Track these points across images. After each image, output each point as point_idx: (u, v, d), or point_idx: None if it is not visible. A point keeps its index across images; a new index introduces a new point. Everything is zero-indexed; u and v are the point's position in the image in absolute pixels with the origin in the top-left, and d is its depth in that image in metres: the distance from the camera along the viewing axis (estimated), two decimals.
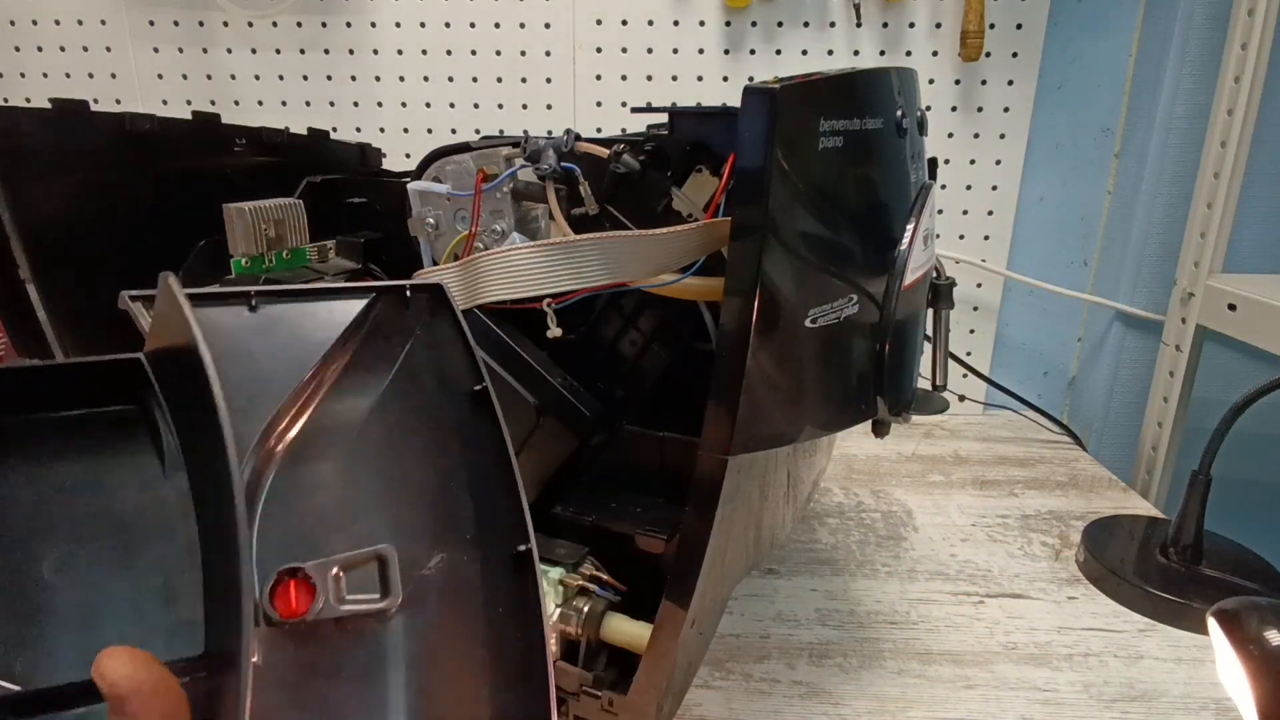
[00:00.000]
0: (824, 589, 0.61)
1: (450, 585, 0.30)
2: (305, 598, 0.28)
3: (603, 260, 0.41)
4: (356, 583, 0.29)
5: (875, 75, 0.40)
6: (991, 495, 0.77)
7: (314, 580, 0.28)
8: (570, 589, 0.46)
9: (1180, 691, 0.51)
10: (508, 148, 0.46)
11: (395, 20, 0.85)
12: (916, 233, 0.42)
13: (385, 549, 0.30)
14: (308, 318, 0.34)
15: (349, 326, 0.34)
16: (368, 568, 0.29)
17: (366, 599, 0.29)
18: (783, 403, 0.38)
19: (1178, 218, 0.80)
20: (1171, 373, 0.81)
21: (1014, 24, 0.83)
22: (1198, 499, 0.60)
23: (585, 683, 0.45)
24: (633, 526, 0.47)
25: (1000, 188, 0.89)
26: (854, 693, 0.50)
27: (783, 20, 0.84)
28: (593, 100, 0.87)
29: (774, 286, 0.35)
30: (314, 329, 0.34)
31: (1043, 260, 0.92)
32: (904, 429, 0.92)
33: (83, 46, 0.86)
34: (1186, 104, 0.78)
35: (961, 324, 0.94)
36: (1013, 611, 0.59)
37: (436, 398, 0.35)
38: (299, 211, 0.54)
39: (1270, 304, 0.68)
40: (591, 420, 0.47)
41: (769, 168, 0.33)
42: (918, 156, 0.44)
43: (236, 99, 0.88)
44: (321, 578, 0.29)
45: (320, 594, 0.28)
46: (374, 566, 0.30)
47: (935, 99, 0.86)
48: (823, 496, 0.76)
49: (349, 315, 0.35)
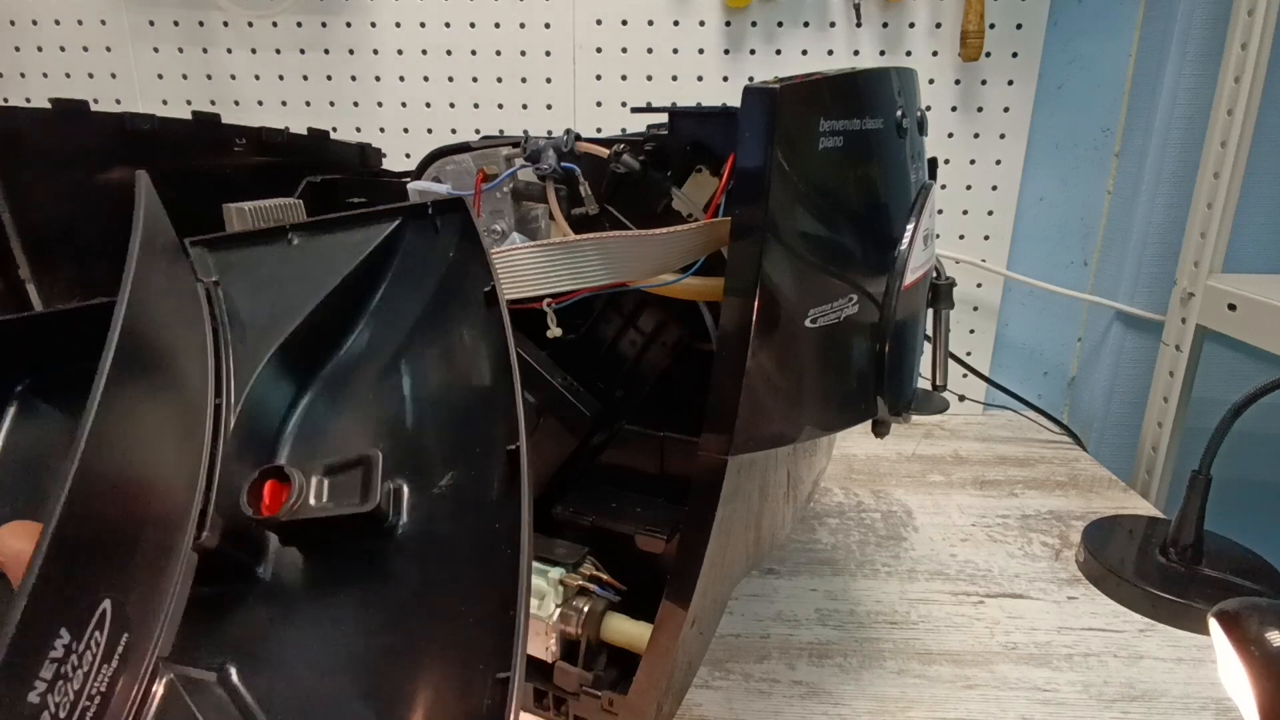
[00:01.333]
0: (824, 589, 0.61)
1: (457, 502, 0.31)
2: (282, 496, 0.29)
3: (603, 260, 0.41)
4: (344, 488, 0.30)
5: (875, 75, 0.40)
6: (991, 495, 0.77)
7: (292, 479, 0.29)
8: (570, 589, 0.46)
9: (1180, 691, 0.51)
10: (508, 148, 0.47)
11: (395, 20, 0.85)
12: (916, 233, 0.42)
13: (370, 454, 0.30)
14: (341, 243, 0.37)
15: (376, 249, 0.37)
16: (353, 474, 0.30)
17: (347, 502, 0.29)
18: (783, 403, 0.38)
19: (1178, 218, 0.80)
20: (1171, 373, 0.81)
21: (1014, 24, 0.83)
22: (1198, 499, 0.60)
23: (585, 682, 0.45)
24: (633, 526, 0.47)
25: (1000, 188, 0.89)
26: (854, 693, 0.50)
27: (783, 20, 0.84)
28: (593, 100, 0.87)
29: (774, 286, 0.35)
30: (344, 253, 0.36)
31: (1043, 260, 0.92)
32: (904, 429, 0.92)
33: (83, 46, 0.86)
34: (1186, 104, 0.78)
35: (961, 324, 0.94)
36: (1013, 611, 0.59)
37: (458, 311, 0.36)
38: (299, 211, 0.54)
39: (1270, 304, 0.68)
40: (591, 420, 0.47)
41: (769, 168, 0.33)
42: (918, 156, 0.44)
43: (236, 99, 0.88)
44: (301, 479, 0.29)
45: (296, 492, 0.29)
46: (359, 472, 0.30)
47: (935, 99, 0.86)
48: (823, 496, 0.76)
49: (376, 238, 0.37)
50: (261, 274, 0.36)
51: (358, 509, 0.29)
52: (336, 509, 0.29)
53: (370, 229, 0.37)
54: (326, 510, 0.29)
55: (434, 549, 0.30)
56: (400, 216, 0.37)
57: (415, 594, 0.29)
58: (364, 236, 0.37)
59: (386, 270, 0.37)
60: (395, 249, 0.37)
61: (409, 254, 0.37)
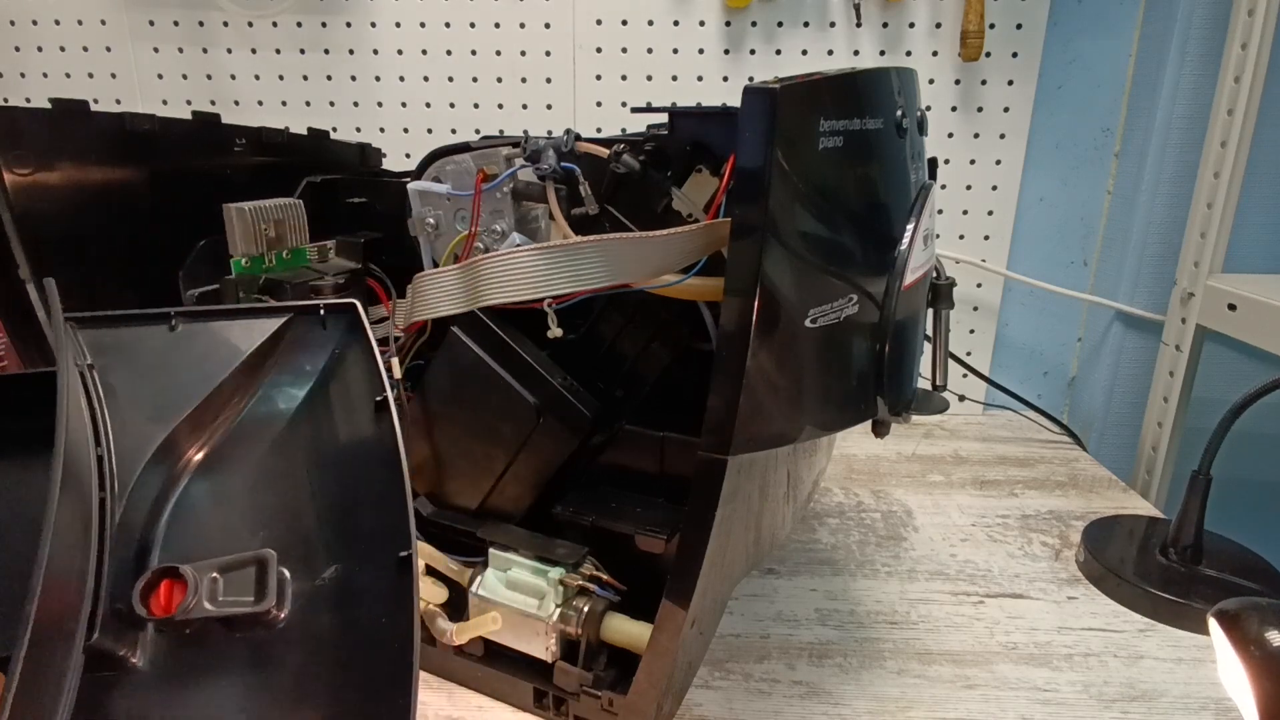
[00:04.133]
0: (824, 589, 0.61)
1: (341, 594, 0.31)
2: (178, 596, 0.29)
3: (604, 262, 0.41)
4: (238, 585, 0.30)
5: (875, 75, 0.40)
6: (991, 495, 0.77)
7: (188, 579, 0.29)
8: (570, 589, 0.46)
9: (1180, 691, 0.51)
10: (508, 148, 0.46)
11: (395, 20, 0.85)
12: (916, 233, 0.42)
13: (265, 552, 0.30)
14: (226, 335, 0.36)
15: (264, 343, 0.36)
16: (248, 571, 0.30)
17: (241, 600, 0.29)
18: (783, 403, 0.38)
19: (1178, 218, 0.80)
20: (1171, 373, 0.81)
21: (1014, 24, 0.83)
22: (1198, 499, 0.60)
23: (585, 683, 0.45)
24: (633, 526, 0.47)
25: (1000, 188, 0.89)
26: (854, 693, 0.50)
27: (783, 20, 0.84)
28: (593, 100, 0.87)
29: (774, 286, 0.35)
30: (231, 345, 0.36)
31: (1043, 260, 0.92)
32: (904, 429, 0.92)
33: (83, 46, 0.86)
34: (1186, 104, 0.78)
35: (961, 324, 0.94)
36: (1013, 611, 0.59)
37: (345, 410, 0.36)
38: (299, 211, 0.54)
39: (1270, 304, 0.68)
40: (591, 420, 0.47)
41: (769, 168, 0.33)
42: (918, 156, 0.44)
43: (236, 99, 0.88)
44: (197, 578, 0.29)
45: (192, 593, 0.29)
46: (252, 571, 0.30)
47: (935, 99, 0.86)
48: (823, 496, 0.76)
49: (265, 333, 0.36)
50: (143, 360, 0.35)
51: (253, 608, 0.29)
52: (231, 608, 0.29)
53: (258, 322, 0.37)
54: (221, 610, 0.29)
55: (318, 638, 0.30)
56: (290, 314, 0.37)
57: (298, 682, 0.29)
58: (251, 329, 0.36)
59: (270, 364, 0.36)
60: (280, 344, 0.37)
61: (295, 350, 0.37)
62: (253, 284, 0.50)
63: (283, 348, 0.36)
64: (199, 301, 0.51)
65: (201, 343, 0.36)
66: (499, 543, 0.48)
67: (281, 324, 0.37)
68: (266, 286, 0.50)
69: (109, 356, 0.34)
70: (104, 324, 0.35)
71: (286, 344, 0.37)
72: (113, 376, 0.34)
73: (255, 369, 0.36)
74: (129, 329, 0.35)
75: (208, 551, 0.31)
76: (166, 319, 0.36)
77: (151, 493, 0.32)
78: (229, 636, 0.30)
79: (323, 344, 0.37)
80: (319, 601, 0.30)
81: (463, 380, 0.49)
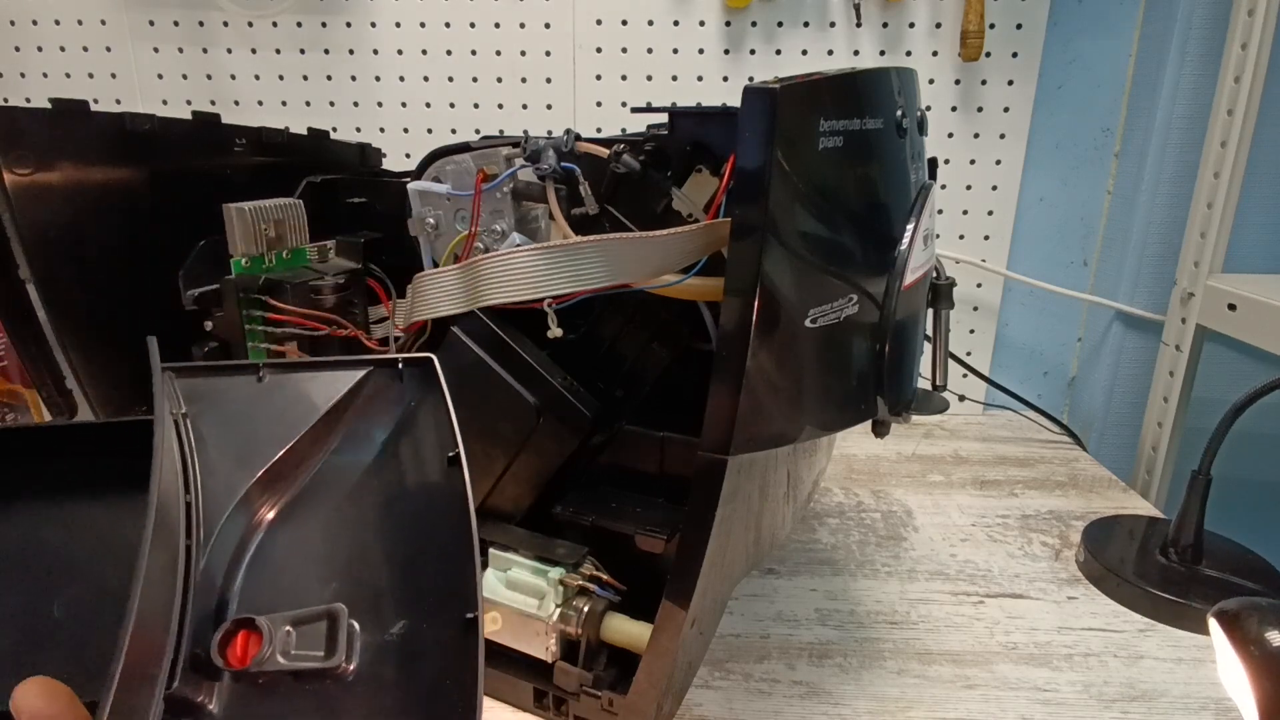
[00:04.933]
0: (824, 589, 0.61)
1: (407, 651, 0.31)
2: (253, 648, 0.29)
3: (604, 262, 0.41)
4: (309, 639, 0.30)
5: (875, 75, 0.40)
6: (991, 495, 0.77)
7: (264, 631, 0.29)
8: (570, 589, 0.46)
9: (1180, 691, 0.51)
10: (508, 148, 0.46)
11: (395, 20, 0.85)
12: (916, 233, 0.42)
13: (336, 607, 0.31)
14: (309, 387, 0.37)
15: (344, 395, 0.37)
16: (319, 625, 0.30)
17: (312, 655, 0.30)
18: (783, 403, 0.38)
19: (1178, 218, 0.80)
20: (1171, 373, 0.81)
21: (1014, 24, 0.83)
22: (1198, 499, 0.60)
23: (585, 683, 0.45)
24: (633, 526, 0.47)
25: (1000, 188, 0.89)
26: (854, 693, 0.50)
27: (783, 20, 0.84)
28: (593, 100, 0.87)
29: (774, 286, 0.35)
30: (313, 398, 0.37)
31: (1043, 260, 0.92)
32: (904, 429, 0.92)
33: (83, 46, 0.86)
34: (1186, 104, 0.78)
35: (961, 324, 0.94)
36: (1013, 611, 0.59)
37: (416, 464, 0.37)
38: (299, 211, 0.54)
39: (1270, 304, 0.68)
40: (591, 420, 0.47)
41: (769, 168, 0.33)
42: (918, 156, 0.44)
43: (236, 99, 0.88)
44: (272, 631, 0.30)
45: (267, 645, 0.29)
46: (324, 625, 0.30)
47: (935, 99, 0.86)
48: (823, 496, 0.76)
49: (346, 385, 0.37)
50: (231, 409, 0.36)
51: (323, 664, 0.29)
52: (302, 662, 0.30)
53: (340, 374, 0.38)
54: (293, 664, 0.30)
55: (383, 693, 0.30)
56: (370, 366, 0.38)
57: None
58: (333, 381, 0.37)
59: (349, 415, 0.37)
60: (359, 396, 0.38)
61: (373, 402, 0.38)
62: (253, 284, 0.50)
63: (361, 399, 0.37)
64: (199, 301, 0.51)
65: (286, 394, 0.37)
66: (499, 542, 0.48)
67: (362, 376, 0.38)
68: (266, 287, 0.50)
69: (200, 404, 0.36)
70: (198, 374, 0.37)
71: (365, 396, 0.38)
72: (203, 424, 0.35)
73: (334, 421, 0.37)
74: (220, 379, 0.37)
75: (281, 601, 0.31)
76: (255, 370, 0.37)
77: (232, 541, 0.33)
78: (298, 688, 0.30)
79: (399, 396, 0.38)
80: (386, 656, 0.31)
81: (463, 380, 0.49)
